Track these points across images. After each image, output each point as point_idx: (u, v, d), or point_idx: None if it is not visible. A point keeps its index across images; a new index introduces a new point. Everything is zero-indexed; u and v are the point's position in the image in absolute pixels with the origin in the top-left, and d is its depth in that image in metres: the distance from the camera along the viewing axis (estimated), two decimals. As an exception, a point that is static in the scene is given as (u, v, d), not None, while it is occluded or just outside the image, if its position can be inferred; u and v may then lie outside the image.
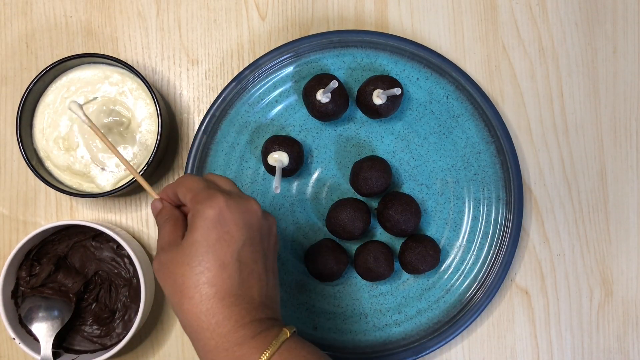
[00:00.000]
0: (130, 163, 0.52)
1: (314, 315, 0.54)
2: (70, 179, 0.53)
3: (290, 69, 0.54)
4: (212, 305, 0.37)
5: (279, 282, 0.54)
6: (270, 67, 0.54)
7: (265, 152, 0.51)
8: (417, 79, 0.54)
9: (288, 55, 0.54)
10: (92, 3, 0.57)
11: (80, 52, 0.56)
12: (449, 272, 0.54)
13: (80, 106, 0.45)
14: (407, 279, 0.54)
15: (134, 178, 0.50)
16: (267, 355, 0.36)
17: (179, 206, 0.43)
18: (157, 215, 0.43)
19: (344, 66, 0.55)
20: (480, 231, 0.54)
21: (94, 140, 0.52)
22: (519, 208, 0.53)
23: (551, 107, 0.57)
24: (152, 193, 0.44)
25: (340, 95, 0.52)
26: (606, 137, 0.57)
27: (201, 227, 0.38)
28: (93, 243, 0.54)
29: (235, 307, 0.37)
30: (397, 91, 0.48)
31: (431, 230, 0.54)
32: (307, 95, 0.52)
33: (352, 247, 0.54)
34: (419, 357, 0.52)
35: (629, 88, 0.57)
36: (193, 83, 0.57)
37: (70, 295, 0.52)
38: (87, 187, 0.53)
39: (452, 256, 0.54)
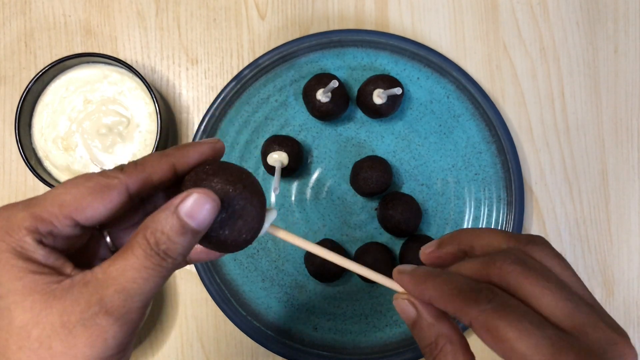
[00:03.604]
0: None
1: (313, 316, 0.53)
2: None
3: (290, 69, 0.54)
4: None
5: (280, 283, 0.54)
6: (269, 66, 0.54)
7: (265, 152, 0.51)
8: (418, 78, 0.54)
9: (288, 55, 0.54)
10: (91, 2, 0.57)
11: (79, 52, 0.56)
12: (450, 272, 0.54)
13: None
14: (408, 280, 0.54)
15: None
16: None
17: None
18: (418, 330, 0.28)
19: (344, 66, 0.54)
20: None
21: (93, 139, 0.52)
22: (520, 208, 0.53)
23: (552, 106, 0.57)
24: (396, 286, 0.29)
25: (340, 95, 0.51)
26: (607, 137, 0.57)
27: None
28: (92, 243, 0.53)
29: None
30: (397, 91, 0.48)
31: (432, 231, 0.54)
32: (307, 95, 0.51)
33: (352, 247, 0.54)
34: (419, 359, 0.52)
35: (630, 87, 0.57)
36: (192, 82, 0.57)
37: (69, 295, 0.52)
38: (86, 187, 0.53)
39: (453, 256, 0.54)
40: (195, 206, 0.24)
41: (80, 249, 0.28)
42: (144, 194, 0.26)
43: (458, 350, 0.27)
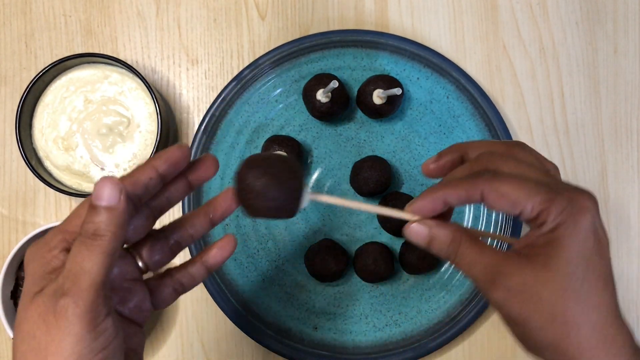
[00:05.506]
0: (130, 163, 0.52)
1: (314, 315, 0.53)
2: (69, 179, 0.53)
3: (290, 69, 0.54)
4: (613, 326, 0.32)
5: (280, 283, 0.54)
6: (270, 66, 0.54)
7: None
8: (418, 78, 0.54)
9: (288, 55, 0.54)
10: (91, 2, 0.57)
11: (80, 52, 0.56)
12: (449, 272, 0.54)
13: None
14: (407, 280, 0.54)
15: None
16: None
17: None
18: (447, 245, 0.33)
19: (344, 66, 0.54)
20: (481, 231, 0.54)
21: (93, 140, 0.52)
22: (519, 208, 0.53)
23: (552, 106, 0.57)
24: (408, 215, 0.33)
25: (340, 95, 0.52)
26: (607, 137, 0.57)
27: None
28: (92, 243, 0.54)
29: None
30: (397, 91, 0.48)
31: (431, 231, 0.54)
32: (307, 95, 0.51)
33: (352, 247, 0.54)
34: (419, 358, 0.52)
35: (629, 87, 0.57)
36: (193, 83, 0.57)
37: (70, 295, 0.52)
38: (87, 187, 0.53)
39: (453, 256, 0.54)
40: (98, 189, 0.29)
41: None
42: (138, 193, 0.32)
43: (470, 244, 0.32)
